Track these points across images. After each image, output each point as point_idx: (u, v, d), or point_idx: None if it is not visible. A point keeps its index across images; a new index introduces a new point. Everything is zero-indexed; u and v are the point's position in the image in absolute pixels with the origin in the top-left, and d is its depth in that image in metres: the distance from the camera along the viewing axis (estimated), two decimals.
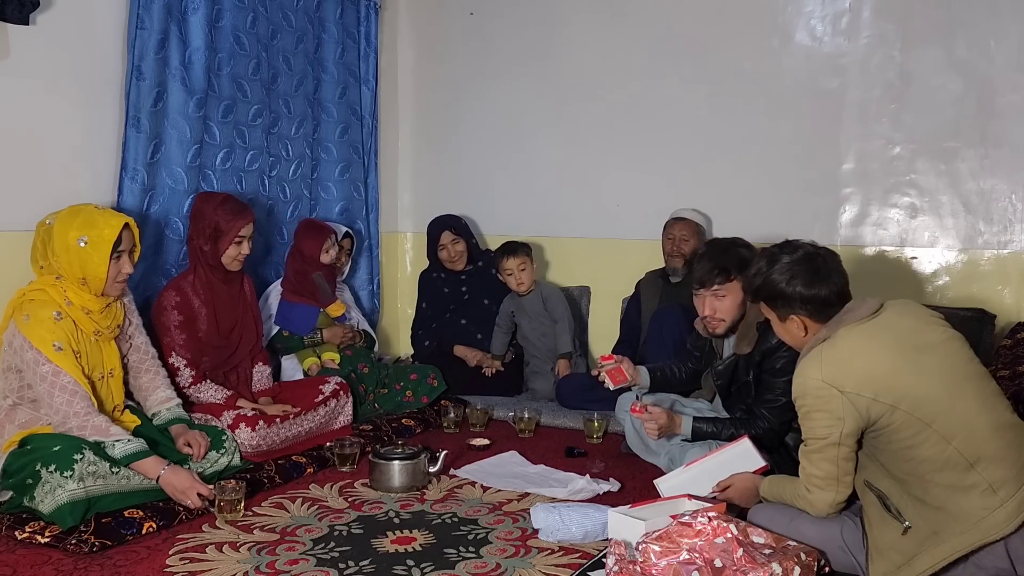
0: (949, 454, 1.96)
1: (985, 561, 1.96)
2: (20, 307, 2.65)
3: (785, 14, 3.92)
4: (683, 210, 3.90)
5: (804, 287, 2.15)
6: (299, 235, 3.82)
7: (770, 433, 2.75)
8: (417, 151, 4.90)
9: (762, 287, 2.23)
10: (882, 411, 1.99)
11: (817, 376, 2.05)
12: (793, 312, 2.19)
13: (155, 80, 3.35)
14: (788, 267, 2.18)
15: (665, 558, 1.95)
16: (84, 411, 2.58)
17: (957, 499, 1.96)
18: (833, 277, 2.17)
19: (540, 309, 4.10)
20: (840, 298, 2.17)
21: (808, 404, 2.09)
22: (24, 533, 2.40)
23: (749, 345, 2.77)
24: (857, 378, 2.01)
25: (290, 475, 2.99)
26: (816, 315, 2.17)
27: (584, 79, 4.36)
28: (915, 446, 1.99)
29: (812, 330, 2.19)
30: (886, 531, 2.06)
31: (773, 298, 2.21)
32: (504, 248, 4.12)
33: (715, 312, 2.80)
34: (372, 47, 4.48)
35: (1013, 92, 3.51)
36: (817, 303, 2.15)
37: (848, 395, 2.01)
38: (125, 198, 3.31)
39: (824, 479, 2.11)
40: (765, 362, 2.76)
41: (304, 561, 2.32)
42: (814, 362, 2.07)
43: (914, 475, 2.01)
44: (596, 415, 3.46)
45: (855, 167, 3.82)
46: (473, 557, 2.34)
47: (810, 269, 2.16)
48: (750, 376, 2.80)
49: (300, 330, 3.76)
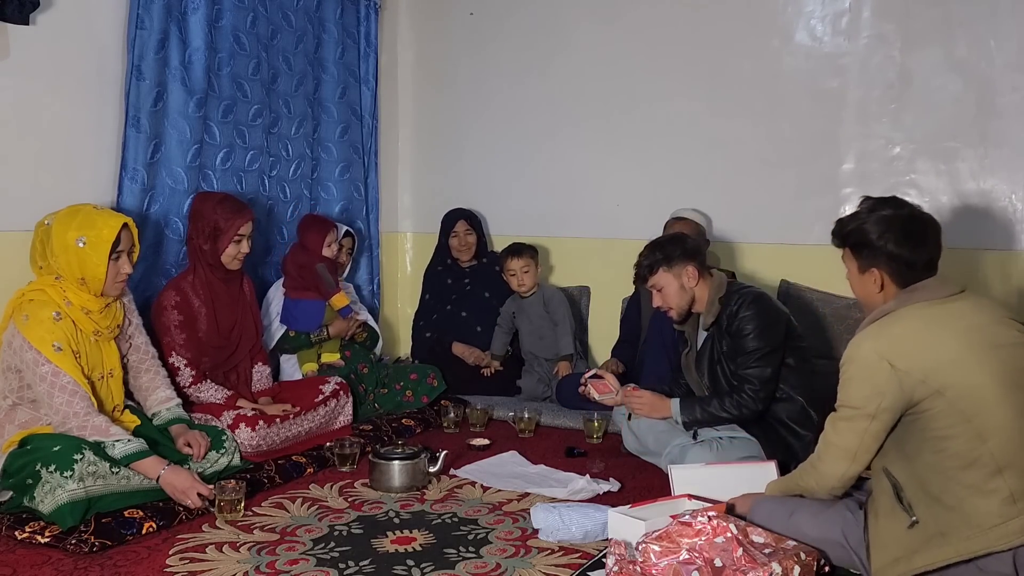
0: (980, 454, 1.93)
1: (990, 567, 1.93)
2: (19, 307, 2.64)
3: (785, 14, 3.92)
4: (683, 210, 3.90)
5: (895, 244, 2.08)
6: (302, 228, 3.84)
7: (756, 396, 2.84)
8: (417, 151, 4.90)
9: (852, 232, 2.16)
10: (926, 394, 1.95)
11: (871, 347, 2.00)
12: (875, 265, 2.12)
13: (155, 80, 3.36)
14: (886, 220, 2.11)
15: (665, 558, 1.95)
16: (84, 411, 2.57)
17: (975, 501, 1.94)
18: (927, 244, 2.10)
19: (541, 311, 4.11)
20: (927, 268, 2.10)
21: (852, 372, 2.03)
22: (24, 533, 2.40)
23: (714, 315, 2.93)
24: (911, 357, 1.96)
25: (290, 475, 2.98)
26: (897, 276, 2.10)
27: (584, 79, 4.36)
28: (949, 438, 1.95)
29: (888, 292, 2.12)
30: (892, 523, 2.04)
31: (860, 246, 2.14)
32: (510, 248, 4.15)
33: (661, 302, 3.01)
34: (372, 47, 4.48)
35: (1013, 92, 3.51)
36: (902, 264, 2.09)
37: (898, 371, 1.96)
38: (125, 198, 3.31)
39: (843, 450, 2.07)
40: (731, 327, 2.89)
41: (304, 561, 2.31)
42: (872, 334, 2.03)
43: (937, 469, 1.98)
44: (596, 415, 3.46)
45: (855, 167, 3.82)
46: (473, 557, 2.34)
47: (907, 228, 2.10)
48: (724, 347, 2.93)
49: (307, 326, 3.75)
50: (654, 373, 3.47)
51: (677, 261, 2.96)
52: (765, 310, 2.89)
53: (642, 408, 3.04)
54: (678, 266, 2.96)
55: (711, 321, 2.94)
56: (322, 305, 3.79)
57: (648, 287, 3.05)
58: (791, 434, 2.89)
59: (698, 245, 3.07)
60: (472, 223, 4.39)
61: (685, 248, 2.99)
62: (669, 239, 3.08)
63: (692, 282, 2.97)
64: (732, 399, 2.87)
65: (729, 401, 2.88)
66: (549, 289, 4.19)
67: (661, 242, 3.05)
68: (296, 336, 3.77)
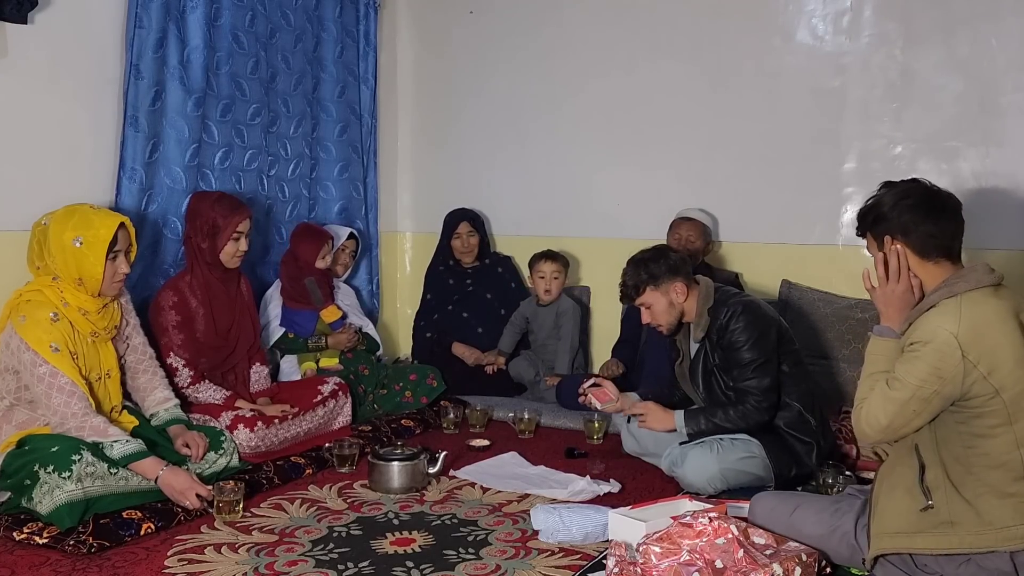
0: (1011, 458, 1.92)
1: (988, 563, 1.93)
2: (16, 308, 2.64)
3: (786, 13, 3.91)
4: (689, 210, 3.89)
5: (909, 212, 2.04)
6: (296, 238, 3.80)
7: (759, 407, 2.82)
8: (416, 150, 4.89)
9: (869, 210, 2.12)
10: (983, 391, 1.91)
11: (952, 329, 1.91)
12: (889, 233, 2.06)
13: (153, 79, 3.35)
14: (901, 191, 2.08)
15: (666, 559, 1.94)
16: (82, 412, 2.57)
17: (992, 502, 1.93)
18: (946, 217, 2.05)
19: (551, 322, 4.12)
20: (949, 237, 2.05)
21: (924, 352, 1.93)
22: (22, 534, 2.39)
23: (703, 329, 2.91)
24: (984, 348, 1.91)
25: (289, 476, 2.97)
26: (917, 247, 2.04)
27: (584, 78, 4.34)
28: (988, 436, 1.93)
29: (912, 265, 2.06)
30: (907, 499, 2.01)
31: (876, 222, 2.09)
32: (545, 252, 4.14)
33: (651, 320, 2.97)
34: (371, 45, 4.47)
35: (1015, 91, 3.50)
36: (921, 233, 2.03)
37: (967, 361, 1.90)
38: (123, 198, 3.30)
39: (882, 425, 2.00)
40: (723, 340, 2.87)
41: (303, 562, 2.30)
42: (952, 315, 1.93)
43: (964, 463, 1.96)
44: (596, 416, 3.45)
45: (857, 166, 3.80)
46: (473, 558, 2.33)
47: (923, 199, 2.06)
48: (716, 359, 2.91)
49: (302, 333, 3.76)
50: (654, 373, 3.47)
51: (663, 279, 2.90)
52: (755, 320, 2.85)
53: (646, 422, 3.00)
54: (665, 283, 2.90)
55: (702, 334, 2.91)
56: (315, 316, 3.79)
57: (635, 305, 2.99)
58: (794, 440, 2.87)
59: (682, 258, 2.99)
60: (475, 224, 4.38)
61: (670, 264, 2.92)
62: (652, 255, 2.96)
63: (681, 298, 2.92)
64: (737, 410, 2.84)
65: (734, 412, 2.85)
66: (565, 302, 4.15)
67: (644, 259, 2.96)
68: (295, 338, 3.76)
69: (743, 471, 2.81)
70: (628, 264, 3.00)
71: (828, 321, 3.67)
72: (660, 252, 2.99)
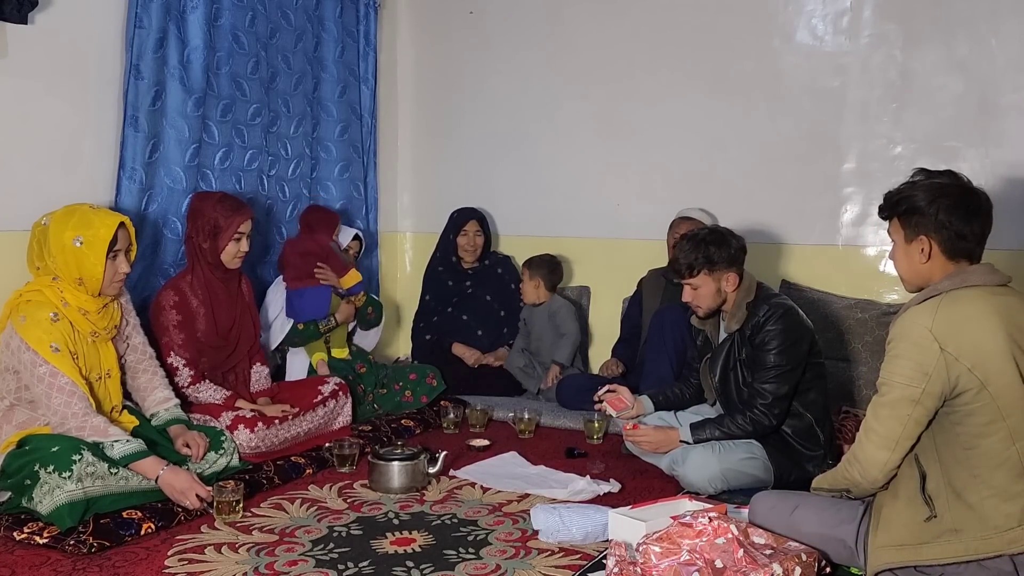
0: (1009, 454, 1.92)
1: (991, 563, 1.93)
2: (16, 308, 2.63)
3: (786, 13, 3.91)
4: (690, 209, 3.88)
5: (946, 212, 2.01)
6: (310, 216, 3.90)
7: (769, 412, 2.79)
8: (417, 150, 4.89)
9: (902, 200, 2.10)
10: (970, 385, 1.91)
11: (926, 324, 1.93)
12: (924, 233, 2.05)
13: (153, 79, 3.35)
14: (938, 187, 2.07)
15: (666, 559, 1.94)
16: (82, 412, 2.57)
17: (996, 504, 1.92)
18: (979, 218, 2.06)
19: (544, 323, 4.12)
20: (977, 240, 2.05)
21: (901, 348, 1.96)
22: (23, 534, 2.39)
23: (739, 322, 2.86)
24: (963, 342, 1.91)
25: (289, 476, 2.97)
26: (946, 245, 2.03)
27: (584, 79, 4.34)
28: (983, 435, 1.93)
29: (934, 264, 2.06)
30: (909, 510, 2.01)
31: (909, 213, 2.08)
32: (529, 260, 4.17)
33: (692, 299, 2.92)
34: (371, 46, 4.47)
35: (1014, 91, 3.50)
36: (952, 233, 2.01)
37: (947, 354, 1.91)
38: (123, 198, 3.30)
39: (884, 438, 2.00)
40: (755, 336, 2.83)
41: (303, 562, 2.31)
42: (928, 311, 1.95)
43: (966, 466, 1.96)
44: (596, 416, 3.44)
45: (856, 167, 3.81)
46: (473, 558, 2.33)
47: (960, 199, 2.05)
48: (743, 354, 2.87)
49: (315, 314, 3.72)
50: (654, 373, 3.46)
51: (720, 266, 2.83)
52: (792, 327, 2.80)
53: (648, 447, 2.95)
54: (720, 271, 2.84)
55: (736, 327, 2.87)
56: (328, 291, 3.75)
57: (685, 282, 2.91)
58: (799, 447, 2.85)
59: (742, 247, 2.90)
60: (483, 225, 4.38)
61: (731, 253, 2.84)
62: (715, 239, 2.86)
63: (731, 288, 2.87)
64: (744, 416, 2.81)
65: (741, 419, 2.82)
66: (557, 302, 4.15)
67: (706, 241, 2.85)
68: (305, 328, 3.73)
69: (744, 472, 2.81)
70: (687, 240, 2.90)
71: (827, 321, 3.67)
72: (723, 238, 2.88)
